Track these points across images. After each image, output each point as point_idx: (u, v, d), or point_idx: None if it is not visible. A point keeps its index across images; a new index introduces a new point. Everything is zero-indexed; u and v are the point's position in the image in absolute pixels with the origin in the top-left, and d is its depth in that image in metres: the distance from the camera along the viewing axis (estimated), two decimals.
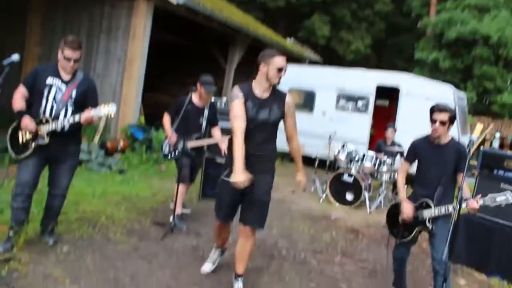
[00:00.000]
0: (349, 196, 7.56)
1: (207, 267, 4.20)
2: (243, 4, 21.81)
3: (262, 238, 5.36)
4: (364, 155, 7.91)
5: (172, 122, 5.46)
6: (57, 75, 4.01)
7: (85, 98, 4.10)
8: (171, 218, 5.13)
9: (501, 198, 3.50)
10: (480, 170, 5.57)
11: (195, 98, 5.39)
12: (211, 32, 12.20)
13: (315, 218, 6.60)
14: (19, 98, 3.95)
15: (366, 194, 7.53)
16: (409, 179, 4.22)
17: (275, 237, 5.46)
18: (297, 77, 11.58)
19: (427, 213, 3.79)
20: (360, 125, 10.41)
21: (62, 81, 4.01)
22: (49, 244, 4.21)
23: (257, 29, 13.42)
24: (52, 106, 3.96)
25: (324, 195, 7.87)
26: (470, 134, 13.33)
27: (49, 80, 3.97)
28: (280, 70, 3.48)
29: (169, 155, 5.41)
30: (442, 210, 3.71)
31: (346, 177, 7.60)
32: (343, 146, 8.16)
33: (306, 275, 4.50)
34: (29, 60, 9.64)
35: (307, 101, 11.52)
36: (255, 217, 3.61)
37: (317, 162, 8.65)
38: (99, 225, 4.95)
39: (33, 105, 3.98)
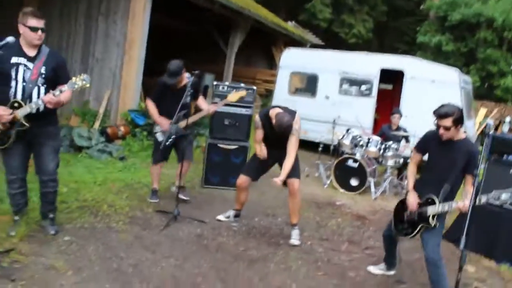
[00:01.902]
0: (354, 182, 7.44)
1: (220, 217, 5.22)
2: None
3: (267, 226, 5.29)
4: (369, 140, 7.77)
5: (158, 107, 5.36)
6: (20, 53, 3.70)
7: (56, 75, 3.83)
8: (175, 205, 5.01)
9: (506, 196, 3.29)
10: (488, 156, 5.44)
11: None
12: (212, 16, 11.98)
13: (320, 205, 6.49)
14: None
15: (371, 180, 7.40)
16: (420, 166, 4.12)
17: (280, 225, 5.36)
18: (299, 60, 11.40)
19: (431, 210, 3.70)
20: (364, 109, 10.22)
21: (28, 58, 3.71)
22: (50, 234, 4.10)
23: (258, 12, 13.17)
24: (23, 87, 3.68)
25: (328, 181, 7.76)
26: (474, 119, 13.21)
27: (14, 59, 3.65)
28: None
29: (165, 142, 5.28)
30: (446, 207, 3.61)
31: (350, 163, 7.46)
32: (347, 130, 8.03)
33: (313, 264, 4.41)
34: None
35: (310, 85, 11.32)
36: (292, 172, 4.74)
37: (321, 147, 8.53)
38: (101, 214, 4.85)
39: (0, 89, 3.68)
